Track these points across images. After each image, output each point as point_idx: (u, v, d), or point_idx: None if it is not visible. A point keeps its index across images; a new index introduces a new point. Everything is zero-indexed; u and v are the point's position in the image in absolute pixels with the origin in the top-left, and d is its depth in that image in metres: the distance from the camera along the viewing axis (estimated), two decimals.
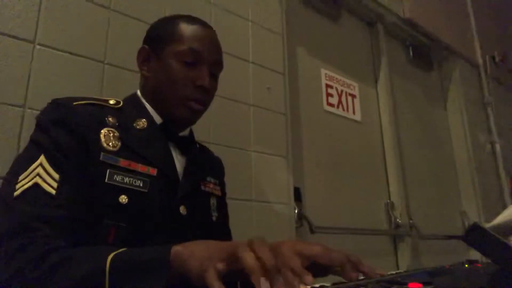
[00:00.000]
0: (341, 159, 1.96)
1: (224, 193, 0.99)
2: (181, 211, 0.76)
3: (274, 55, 1.65)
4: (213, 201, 0.89)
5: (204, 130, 1.34)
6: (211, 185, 0.91)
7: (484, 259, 0.62)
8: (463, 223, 2.57)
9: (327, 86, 2.00)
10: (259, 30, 1.62)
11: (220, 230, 0.91)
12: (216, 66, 0.86)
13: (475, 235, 0.59)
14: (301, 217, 1.59)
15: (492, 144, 2.87)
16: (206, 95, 0.83)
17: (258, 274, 0.46)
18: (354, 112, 2.11)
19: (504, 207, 2.74)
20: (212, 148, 1.33)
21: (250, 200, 1.41)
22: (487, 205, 2.59)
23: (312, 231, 1.58)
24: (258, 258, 0.47)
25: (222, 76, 1.43)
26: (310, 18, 2.05)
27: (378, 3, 2.29)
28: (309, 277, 0.49)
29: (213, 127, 1.37)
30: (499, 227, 0.69)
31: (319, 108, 1.94)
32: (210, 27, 0.88)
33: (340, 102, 2.04)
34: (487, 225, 0.67)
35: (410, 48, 2.63)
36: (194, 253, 0.52)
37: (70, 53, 1.09)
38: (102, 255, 0.55)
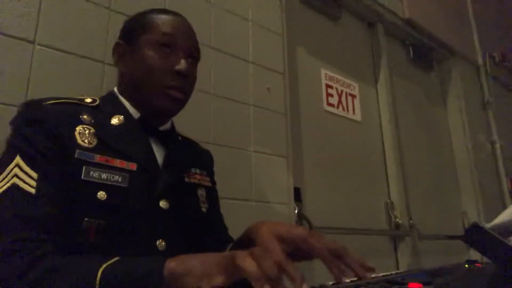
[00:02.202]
0: (341, 159, 1.95)
1: (214, 183, 0.96)
2: (161, 206, 0.74)
3: (274, 55, 1.65)
4: (201, 192, 0.87)
5: (204, 130, 1.34)
6: (198, 176, 0.88)
7: (484, 259, 0.62)
8: (463, 223, 2.57)
9: (327, 86, 2.00)
10: (259, 30, 1.62)
11: (212, 221, 0.89)
12: (192, 52, 0.83)
13: (475, 235, 0.59)
14: (301, 217, 1.59)
15: (492, 144, 2.87)
16: (185, 82, 0.80)
17: (261, 281, 0.45)
18: (354, 112, 2.11)
19: (504, 207, 2.74)
20: (212, 148, 1.33)
21: (250, 200, 1.41)
22: (487, 205, 2.59)
23: None
24: (259, 267, 0.46)
25: (222, 76, 1.44)
26: (310, 18, 2.05)
27: (378, 3, 2.29)
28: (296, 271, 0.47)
29: (213, 127, 1.37)
30: (499, 227, 0.69)
31: (319, 108, 1.94)
32: (182, 16, 0.86)
33: (340, 102, 2.04)
34: (487, 225, 0.67)
35: (410, 48, 2.63)
36: (190, 269, 0.51)
37: (70, 53, 1.09)
38: (92, 267, 0.53)
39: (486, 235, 0.57)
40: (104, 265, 0.53)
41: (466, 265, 0.67)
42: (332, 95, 2.01)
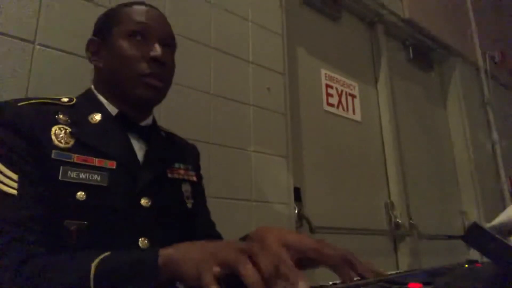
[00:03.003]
0: (341, 159, 1.96)
1: (200, 178, 0.95)
2: (142, 204, 0.73)
3: (274, 55, 1.65)
4: (186, 187, 0.85)
5: (204, 130, 1.34)
6: (182, 171, 0.86)
7: (484, 259, 0.62)
8: (463, 223, 2.57)
9: (327, 86, 2.00)
10: (259, 30, 1.62)
11: (198, 216, 0.88)
12: (167, 40, 0.82)
13: (475, 235, 0.59)
14: (301, 217, 1.59)
15: (492, 144, 2.87)
16: (162, 69, 0.79)
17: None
18: (354, 112, 2.11)
19: (504, 207, 2.74)
20: (212, 148, 1.33)
21: (250, 200, 1.41)
22: (487, 205, 2.59)
23: (312, 231, 1.58)
24: (258, 269, 0.46)
25: (222, 76, 1.44)
26: (310, 18, 2.05)
27: (378, 3, 2.29)
28: (303, 284, 0.46)
29: (213, 127, 1.37)
30: (499, 227, 0.69)
31: (319, 108, 1.94)
32: (155, 7, 0.86)
33: (340, 102, 2.04)
34: (487, 225, 0.67)
35: (410, 48, 2.63)
36: (188, 255, 0.50)
37: (70, 53, 1.09)
38: (85, 262, 0.53)
39: (486, 235, 0.57)
40: (98, 259, 0.53)
41: (466, 265, 0.67)
42: (332, 95, 2.01)
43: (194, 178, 0.90)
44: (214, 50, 1.44)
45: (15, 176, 0.63)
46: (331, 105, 1.99)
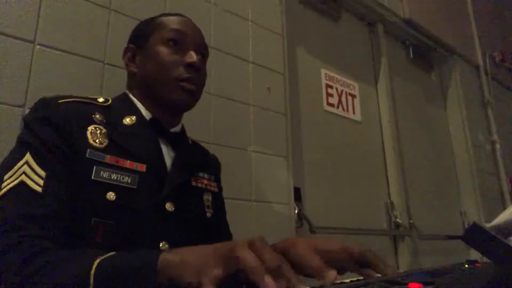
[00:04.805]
0: (341, 159, 1.96)
1: (220, 189, 0.97)
2: (167, 208, 0.74)
3: (274, 55, 1.65)
4: (207, 197, 0.87)
5: (204, 130, 1.34)
6: (205, 181, 0.89)
7: (484, 259, 0.62)
8: (463, 223, 2.57)
9: (327, 86, 2.00)
10: (259, 30, 1.62)
11: (217, 227, 0.89)
12: (201, 49, 0.87)
13: (475, 235, 0.59)
14: (301, 217, 1.59)
15: (492, 144, 2.87)
16: (196, 74, 0.82)
17: (260, 273, 0.42)
18: (354, 112, 2.11)
19: (504, 207, 2.74)
20: (212, 148, 1.33)
21: (250, 200, 1.41)
22: (487, 205, 2.59)
23: (312, 231, 1.58)
24: (259, 258, 0.44)
25: (222, 76, 1.44)
26: (310, 18, 2.05)
27: (378, 3, 2.29)
28: (332, 273, 0.47)
29: (213, 127, 1.37)
30: (499, 227, 0.69)
31: (319, 108, 1.94)
32: (189, 18, 0.90)
33: (340, 102, 2.04)
34: (487, 225, 0.67)
35: (410, 48, 2.63)
36: (186, 259, 0.49)
37: (70, 53, 1.09)
38: (88, 261, 0.53)
39: (486, 235, 0.57)
40: (99, 259, 0.53)
41: (466, 265, 0.67)
42: (332, 95, 2.01)
43: (216, 189, 0.92)
44: (214, 50, 1.44)
45: (43, 173, 0.64)
46: (331, 105, 1.99)
